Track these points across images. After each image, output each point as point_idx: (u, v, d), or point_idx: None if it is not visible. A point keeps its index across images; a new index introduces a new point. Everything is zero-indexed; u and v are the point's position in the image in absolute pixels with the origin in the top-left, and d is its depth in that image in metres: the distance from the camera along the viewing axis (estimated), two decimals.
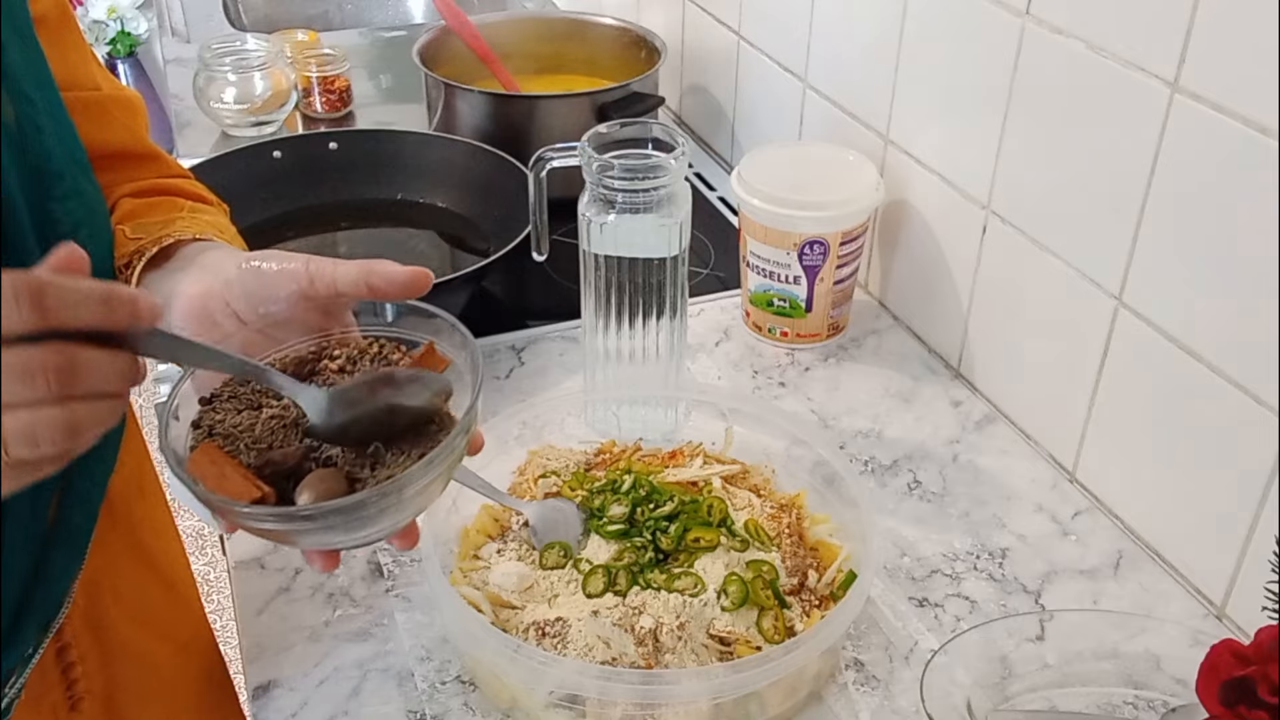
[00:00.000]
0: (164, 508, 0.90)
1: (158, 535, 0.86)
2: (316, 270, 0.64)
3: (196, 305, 0.65)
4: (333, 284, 0.64)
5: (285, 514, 0.57)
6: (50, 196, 0.63)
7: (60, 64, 0.67)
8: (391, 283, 0.63)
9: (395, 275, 0.63)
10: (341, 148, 1.33)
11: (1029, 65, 0.94)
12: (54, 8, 0.70)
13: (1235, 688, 0.56)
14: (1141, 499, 0.92)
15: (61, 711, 0.74)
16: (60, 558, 0.68)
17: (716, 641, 0.75)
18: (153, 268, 0.70)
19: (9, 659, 0.67)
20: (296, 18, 2.08)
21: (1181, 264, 0.83)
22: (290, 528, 0.59)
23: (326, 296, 0.64)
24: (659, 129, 0.91)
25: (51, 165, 0.63)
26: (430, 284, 0.64)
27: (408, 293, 0.64)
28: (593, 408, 0.98)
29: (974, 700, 0.73)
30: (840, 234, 1.08)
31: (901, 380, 1.10)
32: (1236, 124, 0.76)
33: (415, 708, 0.78)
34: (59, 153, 0.64)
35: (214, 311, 0.65)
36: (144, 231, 0.72)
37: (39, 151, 0.63)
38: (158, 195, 0.77)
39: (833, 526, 0.86)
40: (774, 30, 1.34)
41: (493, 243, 1.22)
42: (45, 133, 0.63)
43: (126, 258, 0.70)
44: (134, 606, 0.80)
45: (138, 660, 0.81)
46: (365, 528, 0.59)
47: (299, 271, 0.64)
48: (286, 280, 0.64)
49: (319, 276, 0.64)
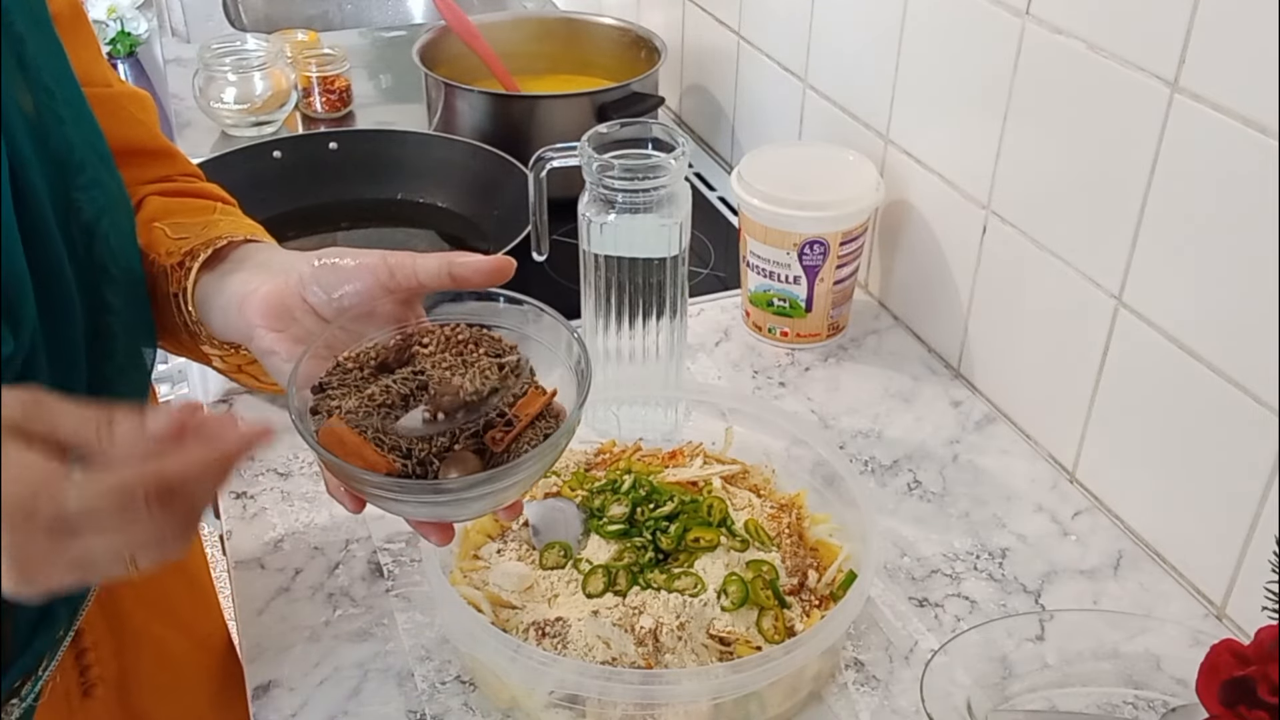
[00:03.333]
0: None
1: None
2: (397, 263, 0.65)
3: (274, 304, 0.66)
4: (414, 275, 0.65)
5: (431, 486, 0.61)
6: (73, 186, 0.64)
7: (74, 60, 0.68)
8: (478, 271, 0.65)
9: (480, 265, 0.65)
10: (341, 148, 1.33)
11: (1029, 65, 0.94)
12: (67, 6, 0.71)
13: (1235, 688, 0.56)
14: (1141, 499, 0.92)
15: (75, 698, 0.75)
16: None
17: (716, 641, 0.75)
18: (206, 269, 0.71)
19: (41, 641, 0.68)
20: (296, 18, 2.08)
21: (1181, 264, 0.83)
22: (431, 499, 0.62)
23: (408, 289, 0.66)
24: (659, 129, 0.91)
25: (73, 156, 0.64)
26: (513, 271, 0.66)
27: (492, 280, 0.66)
28: (593, 408, 0.97)
29: (974, 700, 0.73)
30: (840, 234, 1.08)
31: (901, 380, 1.10)
32: (1236, 124, 0.76)
33: (415, 708, 0.78)
34: (80, 143, 0.65)
35: (293, 309, 0.66)
36: (187, 232, 0.73)
37: (60, 142, 0.64)
38: (184, 197, 0.78)
39: (833, 526, 0.86)
40: (774, 30, 1.34)
41: (493, 243, 1.22)
42: (66, 123, 0.64)
43: (178, 257, 0.71)
44: (150, 597, 0.81)
45: (152, 649, 0.81)
46: (487, 500, 0.63)
47: (378, 265, 0.65)
48: (365, 274, 0.65)
49: (400, 269, 0.65)
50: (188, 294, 0.71)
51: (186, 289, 0.71)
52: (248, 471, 0.97)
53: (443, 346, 0.65)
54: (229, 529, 0.92)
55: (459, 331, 0.66)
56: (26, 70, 0.63)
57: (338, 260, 0.66)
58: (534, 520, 0.83)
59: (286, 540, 0.91)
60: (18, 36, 0.62)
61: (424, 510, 0.64)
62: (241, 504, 0.94)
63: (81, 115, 0.66)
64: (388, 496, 0.62)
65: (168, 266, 0.72)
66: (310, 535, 0.91)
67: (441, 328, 0.66)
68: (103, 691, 0.75)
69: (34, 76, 0.63)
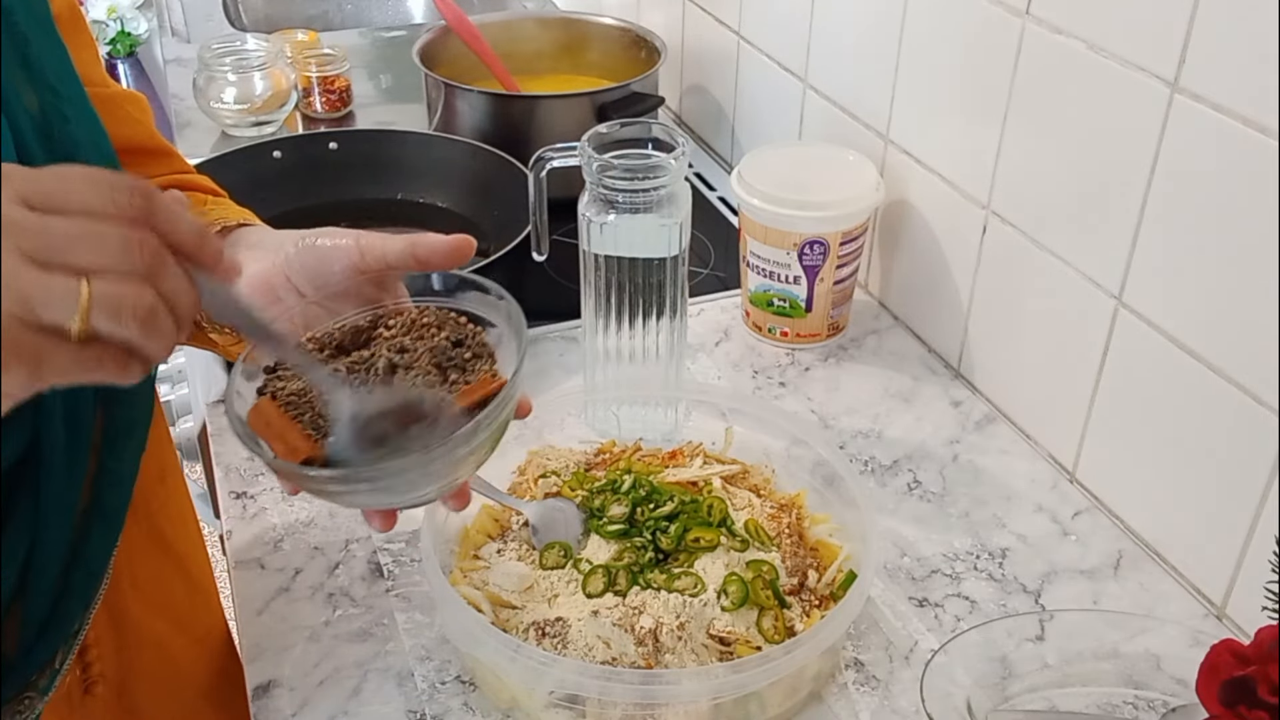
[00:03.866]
0: (184, 497, 0.91)
1: (177, 524, 0.87)
2: (367, 245, 0.67)
3: (260, 282, 0.68)
4: (382, 257, 0.67)
5: (339, 475, 0.60)
6: None
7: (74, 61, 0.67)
8: (435, 252, 0.66)
9: (439, 245, 0.67)
10: (341, 148, 1.33)
11: (1029, 65, 0.94)
12: (67, 8, 0.72)
13: (1235, 688, 0.56)
14: (1141, 499, 0.92)
15: (75, 696, 0.75)
16: (97, 538, 0.70)
17: (716, 641, 0.75)
18: None
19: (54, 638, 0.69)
20: (296, 18, 2.08)
21: (1181, 264, 0.83)
22: (344, 488, 0.61)
23: (377, 269, 0.67)
24: (659, 129, 0.91)
25: (79, 154, 0.65)
26: (473, 251, 0.67)
27: (451, 261, 0.67)
28: (593, 408, 0.98)
29: (974, 700, 0.73)
30: (840, 234, 1.07)
31: (901, 380, 1.10)
32: (1236, 124, 0.76)
33: (415, 708, 0.78)
34: (85, 142, 0.66)
35: (277, 287, 0.68)
36: None
37: (66, 141, 0.64)
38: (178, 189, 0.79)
39: (833, 526, 0.86)
40: (774, 30, 1.34)
41: (493, 243, 1.22)
42: (71, 122, 0.65)
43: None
44: (151, 594, 0.81)
45: (153, 648, 0.81)
46: (420, 488, 0.62)
47: (350, 247, 0.67)
48: (340, 255, 0.67)
49: (369, 250, 0.67)
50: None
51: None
52: (248, 471, 0.97)
53: (404, 330, 0.66)
54: (229, 529, 0.92)
55: (425, 314, 0.67)
56: (31, 70, 0.63)
57: (318, 241, 0.68)
58: (534, 520, 0.83)
59: (286, 540, 0.91)
60: (22, 36, 0.63)
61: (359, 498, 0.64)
62: (241, 504, 0.94)
63: (85, 114, 0.67)
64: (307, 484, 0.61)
65: None
66: (310, 535, 0.91)
67: (410, 310, 0.67)
68: (103, 690, 0.76)
69: (38, 76, 0.63)
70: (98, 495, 0.69)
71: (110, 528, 0.71)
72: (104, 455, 0.69)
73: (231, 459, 0.98)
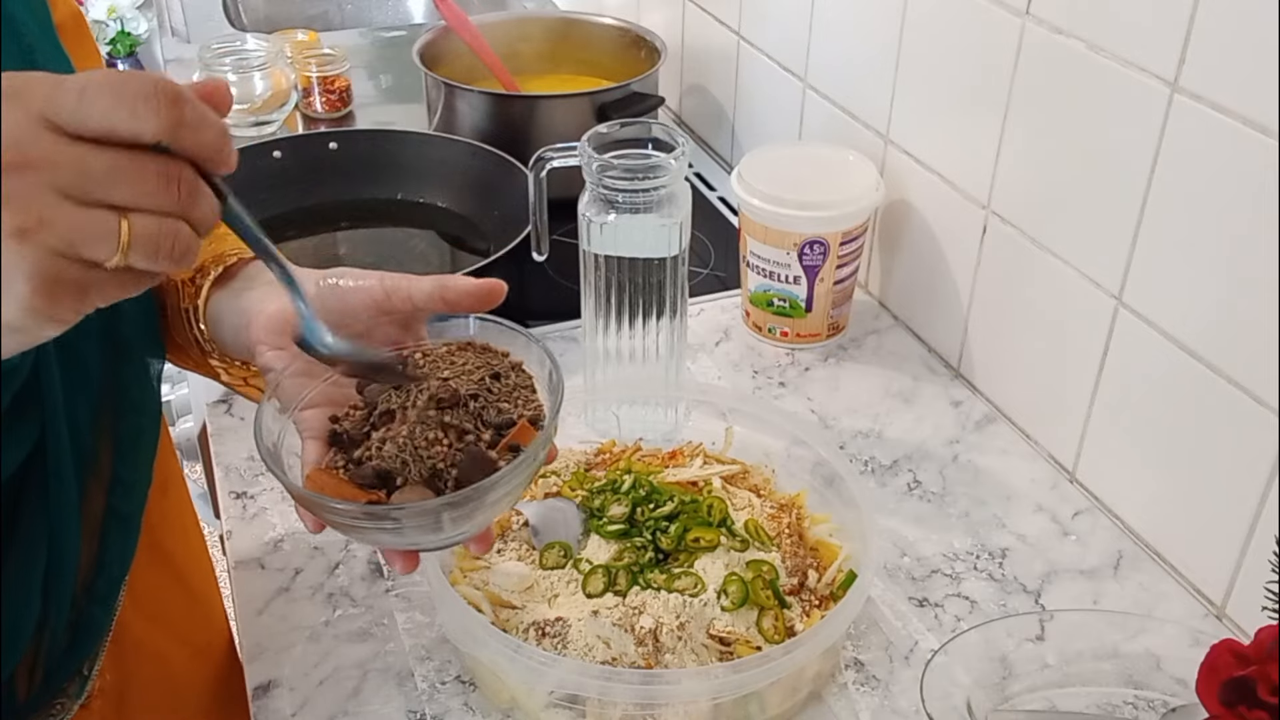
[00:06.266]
0: (187, 508, 0.91)
1: (178, 536, 0.87)
2: (392, 286, 0.66)
3: (278, 321, 0.66)
4: (408, 298, 0.66)
5: (371, 512, 0.60)
6: None
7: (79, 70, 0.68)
8: (465, 295, 0.65)
9: (469, 288, 0.65)
10: (341, 148, 1.33)
11: (1029, 65, 0.94)
12: (70, 17, 0.72)
13: (1235, 688, 0.56)
14: (1141, 499, 0.92)
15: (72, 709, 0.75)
16: (115, 544, 0.70)
17: (716, 641, 0.75)
18: (218, 286, 0.72)
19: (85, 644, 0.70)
20: (296, 18, 2.08)
21: (1181, 264, 0.83)
22: (377, 525, 0.61)
23: (403, 311, 0.66)
24: (659, 129, 0.91)
25: None
26: (504, 295, 0.66)
27: (481, 305, 0.66)
28: (593, 408, 0.98)
29: (974, 700, 0.73)
30: (840, 234, 1.07)
31: (901, 380, 1.10)
32: (1236, 124, 0.76)
33: (415, 708, 0.78)
34: None
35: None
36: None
37: None
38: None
39: (833, 526, 0.86)
40: (774, 30, 1.34)
41: (493, 243, 1.22)
42: None
43: (190, 273, 0.72)
44: (150, 607, 0.80)
45: (152, 662, 0.81)
46: (446, 530, 0.62)
47: (374, 288, 0.66)
48: (363, 296, 0.66)
49: (395, 291, 0.66)
50: (199, 310, 0.71)
51: (198, 305, 0.72)
52: (248, 471, 0.97)
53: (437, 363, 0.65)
54: (229, 529, 0.92)
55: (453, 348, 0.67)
56: None
57: (339, 281, 0.67)
58: (534, 520, 0.83)
59: (286, 540, 0.91)
60: (28, 46, 0.63)
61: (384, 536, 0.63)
62: (241, 504, 0.94)
63: None
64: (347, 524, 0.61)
65: (179, 282, 0.73)
66: (310, 535, 0.91)
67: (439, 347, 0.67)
68: (100, 704, 0.75)
69: None
70: (113, 504, 0.69)
71: (128, 533, 0.71)
72: (115, 463, 0.69)
73: (231, 459, 0.98)
